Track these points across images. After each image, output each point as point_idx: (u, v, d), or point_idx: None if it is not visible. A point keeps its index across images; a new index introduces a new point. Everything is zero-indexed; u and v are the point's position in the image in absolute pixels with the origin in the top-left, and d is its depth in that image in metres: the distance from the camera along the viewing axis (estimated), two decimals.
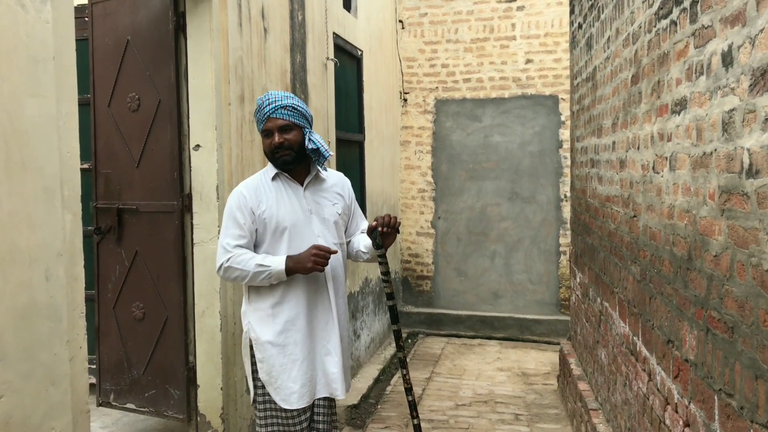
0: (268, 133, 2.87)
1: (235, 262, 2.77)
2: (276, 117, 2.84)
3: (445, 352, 7.03)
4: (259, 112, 2.89)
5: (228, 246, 2.81)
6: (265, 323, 2.88)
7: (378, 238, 2.87)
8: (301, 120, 2.89)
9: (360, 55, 6.37)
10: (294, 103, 2.89)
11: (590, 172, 4.42)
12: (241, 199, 2.86)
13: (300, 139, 2.87)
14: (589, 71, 4.52)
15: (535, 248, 7.61)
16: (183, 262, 3.73)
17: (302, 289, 2.86)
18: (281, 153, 2.85)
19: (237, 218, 2.84)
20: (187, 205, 3.70)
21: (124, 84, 3.81)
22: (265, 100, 2.88)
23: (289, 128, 2.85)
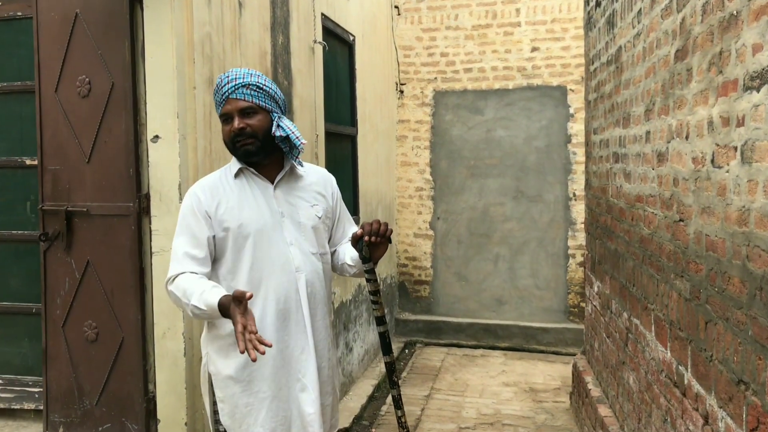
0: (228, 117, 2.34)
1: (177, 287, 2.26)
2: (236, 98, 2.31)
3: (446, 364, 6.48)
4: (218, 92, 2.36)
5: (178, 254, 2.31)
6: (225, 354, 2.34)
7: (364, 249, 2.34)
8: (267, 102, 2.35)
9: (352, 41, 5.82)
10: (259, 81, 2.36)
11: (613, 167, 3.88)
12: (195, 202, 2.34)
13: (266, 125, 2.34)
14: (610, 53, 3.97)
15: (542, 251, 7.06)
16: (140, 275, 3.17)
17: (270, 311, 2.32)
18: (242, 141, 2.32)
19: (190, 225, 2.33)
20: (144, 207, 3.14)
21: (72, 65, 3.25)
22: (224, 78, 2.35)
23: (253, 111, 2.32)
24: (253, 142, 2.32)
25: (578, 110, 6.86)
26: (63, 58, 3.25)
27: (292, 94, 4.28)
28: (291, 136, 2.35)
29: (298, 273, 2.38)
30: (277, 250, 2.35)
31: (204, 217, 2.32)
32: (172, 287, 2.26)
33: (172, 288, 2.26)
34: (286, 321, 2.36)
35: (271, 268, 2.34)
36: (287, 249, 2.37)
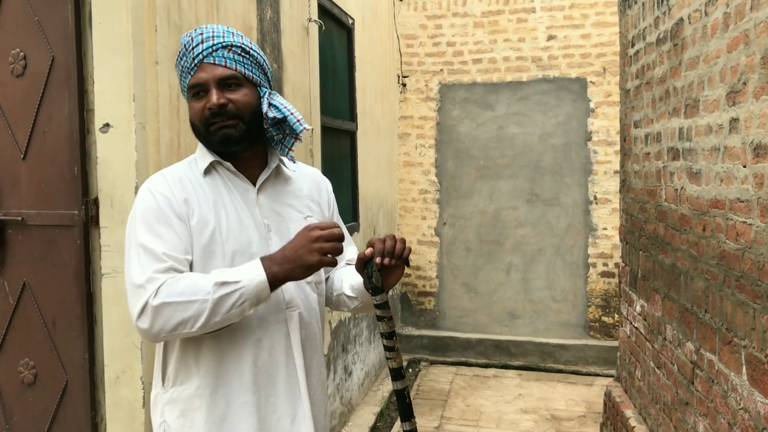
0: (200, 89, 1.67)
1: (173, 291, 1.55)
2: (214, 63, 1.65)
3: (455, 386, 5.82)
4: (186, 55, 1.68)
5: (155, 254, 1.59)
6: (188, 421, 1.66)
7: (375, 275, 1.66)
8: (255, 72, 1.71)
9: (351, 25, 5.15)
10: (245, 43, 1.71)
11: (668, 166, 3.22)
12: (163, 201, 1.65)
13: (253, 101, 1.69)
14: (663, 30, 3.31)
15: (559, 260, 6.40)
16: (88, 302, 2.49)
17: (248, 365, 1.65)
18: (221, 123, 1.66)
19: (162, 234, 1.62)
20: (93, 216, 2.46)
21: (3, 37, 2.57)
22: (197, 36, 1.68)
23: (236, 83, 1.67)
24: (236, 125, 1.66)
25: (599, 105, 6.22)
26: None
27: (282, 80, 3.61)
28: (290, 118, 1.68)
29: (289, 310, 1.71)
30: None
31: (177, 221, 1.64)
32: (163, 299, 1.53)
33: (162, 301, 1.53)
34: (273, 378, 1.69)
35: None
36: None
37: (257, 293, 1.56)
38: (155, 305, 1.53)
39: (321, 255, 1.58)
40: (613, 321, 6.26)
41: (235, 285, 1.54)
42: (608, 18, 6.14)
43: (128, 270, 1.62)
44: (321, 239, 1.58)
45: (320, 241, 1.58)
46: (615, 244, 6.21)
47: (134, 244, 1.63)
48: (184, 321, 1.54)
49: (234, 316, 1.57)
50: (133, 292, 1.59)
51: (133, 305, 1.58)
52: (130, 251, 1.64)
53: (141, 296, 1.56)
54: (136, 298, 1.57)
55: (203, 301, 1.52)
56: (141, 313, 1.55)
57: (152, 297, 1.54)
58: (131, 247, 1.64)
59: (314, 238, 1.58)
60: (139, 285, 1.56)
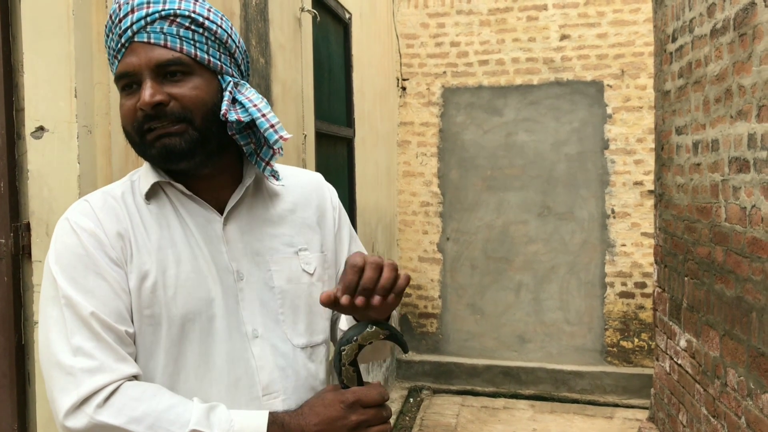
0: (131, 80, 1.13)
1: (128, 413, 1.04)
2: (147, 41, 1.12)
3: (461, 420, 5.27)
4: (112, 31, 1.15)
5: (84, 364, 1.06)
6: None
7: (344, 370, 1.15)
8: (214, 53, 1.16)
9: (348, 20, 4.63)
10: (197, 11, 1.15)
11: (733, 179, 2.70)
12: (90, 241, 1.12)
13: (208, 97, 1.14)
14: (723, 18, 2.80)
15: (574, 278, 5.88)
16: (18, 355, 1.94)
17: None
18: (158, 131, 1.12)
19: (91, 287, 1.09)
20: (25, 246, 1.91)
21: None
22: (125, 3, 1.13)
23: (183, 70, 1.13)
24: (184, 132, 1.12)
25: (617, 110, 5.71)
26: None
27: (270, 77, 3.08)
28: (260, 121, 1.14)
29: (267, 399, 1.17)
30: (225, 353, 1.15)
31: (118, 264, 1.12)
32: (111, 416, 1.03)
33: (109, 418, 1.03)
34: None
35: (210, 394, 1.13)
36: (246, 348, 1.16)
37: None
38: (99, 421, 1.03)
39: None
40: (632, 346, 5.74)
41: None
42: (627, 16, 5.65)
43: (46, 339, 1.10)
44: (364, 425, 1.12)
45: (362, 427, 1.12)
46: (635, 261, 5.70)
47: (54, 302, 1.10)
48: None
49: None
50: (57, 375, 1.07)
51: (57, 397, 1.06)
52: (49, 311, 1.11)
53: (70, 388, 1.05)
54: (61, 388, 1.06)
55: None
56: (73, 413, 1.04)
57: (98, 405, 1.04)
58: (49, 305, 1.11)
59: (354, 424, 1.11)
60: (66, 368, 1.05)
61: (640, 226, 5.66)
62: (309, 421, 1.11)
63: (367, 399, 1.12)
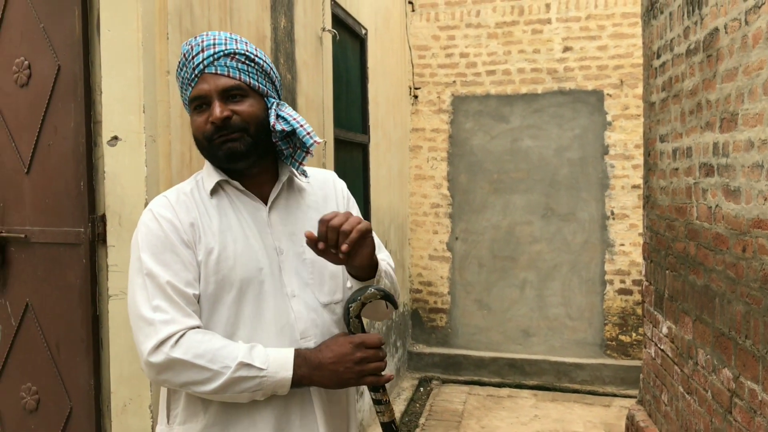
0: (202, 102, 1.53)
1: (194, 350, 1.42)
2: (216, 73, 1.52)
3: (468, 407, 5.65)
4: (186, 65, 1.55)
5: (161, 317, 1.44)
6: None
7: (353, 322, 1.53)
8: (261, 81, 1.57)
9: (364, 35, 5.03)
10: (249, 51, 1.57)
11: (700, 182, 3.08)
12: (168, 227, 1.51)
13: (260, 113, 1.55)
14: (694, 40, 3.18)
15: (575, 276, 6.24)
16: (94, 324, 2.36)
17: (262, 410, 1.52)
18: (225, 137, 1.51)
19: (168, 262, 1.48)
20: (99, 234, 2.33)
21: (7, 45, 2.45)
22: (196, 45, 1.55)
23: (241, 94, 1.53)
24: (241, 138, 1.52)
25: (617, 118, 6.08)
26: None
27: (296, 91, 3.49)
28: (299, 130, 1.54)
29: (304, 341, 1.56)
30: (272, 308, 1.54)
31: (184, 249, 1.50)
32: (179, 354, 1.41)
33: (177, 357, 1.41)
34: (287, 416, 1.53)
35: (263, 338, 1.52)
36: (287, 304, 1.56)
37: (275, 388, 1.46)
38: (173, 357, 1.42)
39: (361, 376, 1.49)
40: (630, 340, 6.09)
41: (258, 372, 1.43)
42: (625, 29, 6.02)
43: (133, 299, 1.50)
44: (365, 361, 1.49)
45: (364, 363, 1.49)
46: (633, 260, 6.06)
47: (139, 272, 1.50)
48: (193, 383, 1.44)
49: (241, 398, 1.47)
50: (142, 325, 1.46)
51: (142, 341, 1.46)
52: (135, 279, 1.51)
53: (152, 334, 1.44)
54: (145, 334, 1.45)
55: (219, 374, 1.42)
56: (154, 352, 1.43)
57: (172, 345, 1.43)
58: (136, 274, 1.51)
59: (359, 359, 1.49)
60: (148, 320, 1.44)
61: (638, 227, 6.01)
62: (325, 355, 1.50)
63: (369, 341, 1.51)
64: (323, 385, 1.50)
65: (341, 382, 1.49)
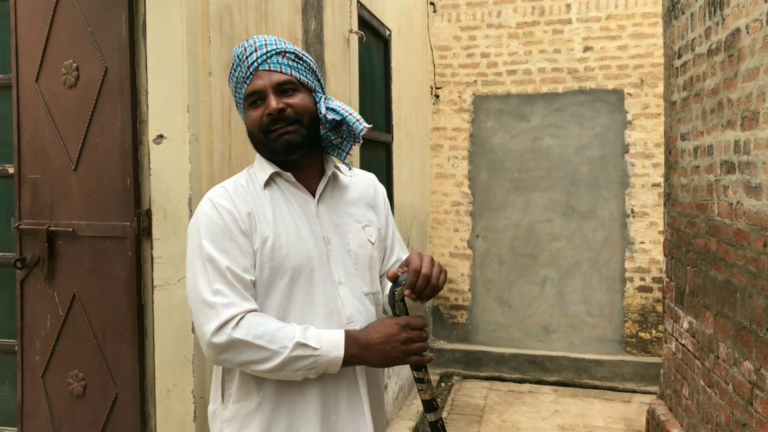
0: (257, 97, 1.65)
1: (253, 331, 1.53)
2: (270, 69, 1.64)
3: (489, 402, 5.73)
4: (240, 65, 1.67)
5: (221, 300, 1.55)
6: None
7: (398, 305, 1.66)
8: (309, 77, 1.69)
9: (388, 36, 5.14)
10: (297, 50, 1.70)
11: (721, 180, 3.15)
12: (227, 216, 1.62)
13: (311, 105, 1.67)
14: (716, 41, 3.25)
15: (595, 274, 6.31)
16: (139, 314, 2.48)
17: (312, 385, 1.63)
18: (281, 129, 1.63)
19: (227, 249, 1.59)
20: (145, 227, 2.45)
21: (56, 48, 2.58)
22: (249, 46, 1.67)
23: (293, 88, 1.66)
24: (297, 130, 1.64)
25: (637, 117, 6.13)
26: (46, 39, 2.59)
27: (324, 92, 3.59)
28: (349, 118, 1.66)
29: (350, 325, 1.67)
30: (322, 294, 1.65)
31: (242, 237, 1.61)
32: (240, 335, 1.52)
33: (239, 337, 1.52)
34: (335, 394, 1.65)
35: (313, 322, 1.63)
36: (335, 291, 1.67)
37: (328, 366, 1.57)
38: (235, 337, 1.53)
39: (406, 356, 1.60)
40: (650, 336, 6.15)
41: (313, 351, 1.54)
42: (646, 29, 6.07)
43: (194, 283, 1.60)
44: (410, 341, 1.60)
45: (409, 343, 1.60)
46: (653, 258, 6.11)
47: (199, 258, 1.60)
48: (252, 362, 1.55)
49: (295, 376, 1.57)
50: (203, 308, 1.57)
51: (204, 323, 1.56)
52: (196, 264, 1.61)
53: (214, 316, 1.54)
54: (207, 316, 1.55)
55: (277, 354, 1.53)
56: (216, 333, 1.54)
57: (233, 327, 1.53)
58: (196, 259, 1.61)
59: (405, 339, 1.60)
60: (210, 303, 1.55)
61: (658, 225, 6.06)
62: (373, 336, 1.60)
63: (414, 323, 1.62)
64: (371, 364, 1.60)
65: (388, 361, 1.59)
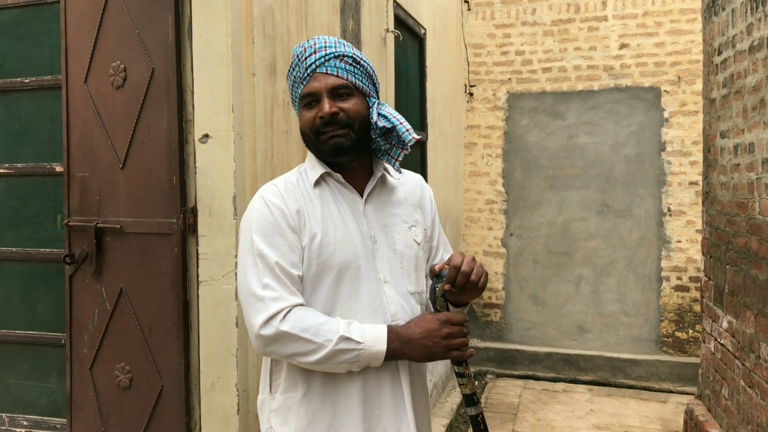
0: (312, 99, 1.68)
1: (300, 324, 1.58)
2: (327, 72, 1.66)
3: (524, 400, 5.73)
4: (298, 65, 1.71)
5: (270, 294, 1.60)
6: (294, 429, 1.67)
7: (439, 301, 1.68)
8: (365, 82, 1.72)
9: (423, 35, 5.16)
10: (356, 54, 1.72)
11: (764, 177, 3.11)
12: (277, 212, 1.66)
13: (363, 111, 1.70)
14: (758, 36, 3.21)
15: (631, 273, 6.26)
16: (185, 308, 2.54)
17: (356, 383, 1.67)
18: (332, 132, 1.66)
19: (276, 244, 1.63)
20: (190, 225, 2.51)
21: (104, 49, 2.65)
22: (309, 47, 1.70)
23: (348, 93, 1.68)
24: (347, 134, 1.67)
25: (674, 114, 6.07)
26: (94, 41, 2.66)
27: None
28: (399, 127, 1.68)
29: (395, 323, 1.70)
30: (368, 291, 1.68)
31: (290, 233, 1.65)
32: (287, 328, 1.56)
33: (286, 330, 1.56)
34: (379, 389, 1.68)
35: (358, 318, 1.66)
36: (380, 289, 1.70)
37: (371, 360, 1.60)
38: (282, 330, 1.57)
39: (447, 351, 1.63)
40: (687, 336, 6.08)
41: (356, 345, 1.58)
42: (683, 26, 6.00)
43: (244, 277, 1.64)
44: (451, 336, 1.63)
45: (450, 338, 1.63)
46: (689, 257, 6.04)
47: (250, 253, 1.64)
48: (298, 354, 1.59)
49: (339, 369, 1.61)
50: (252, 301, 1.61)
51: (253, 315, 1.60)
52: (246, 258, 1.66)
53: (262, 309, 1.59)
54: (256, 309, 1.60)
55: (322, 347, 1.57)
56: (264, 325, 1.58)
57: (280, 320, 1.57)
58: (247, 254, 1.66)
59: (446, 334, 1.63)
60: (259, 297, 1.59)
61: (695, 224, 5.99)
62: (414, 331, 1.63)
63: (455, 319, 1.65)
64: (413, 359, 1.63)
65: (429, 356, 1.62)
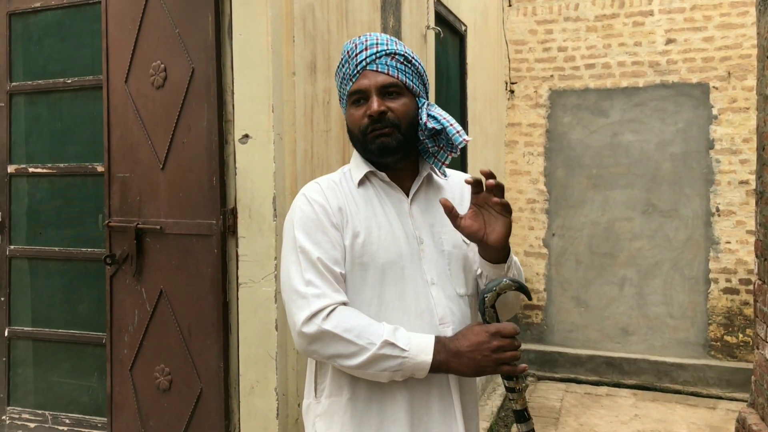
0: (361, 96, 1.63)
1: (343, 324, 1.52)
2: (377, 70, 1.61)
3: (566, 404, 5.60)
4: (348, 62, 1.66)
5: (313, 291, 1.55)
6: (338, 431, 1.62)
7: (488, 311, 1.58)
8: (415, 81, 1.65)
9: (464, 32, 5.07)
10: (407, 52, 1.66)
11: None
12: (319, 210, 1.62)
13: (412, 111, 1.63)
14: None
15: (677, 274, 6.07)
16: (224, 310, 2.51)
17: (402, 389, 1.60)
18: (379, 131, 1.60)
19: (319, 241, 1.59)
20: (230, 226, 2.48)
21: (145, 49, 2.64)
22: (359, 44, 1.65)
23: (397, 92, 1.62)
24: (393, 134, 1.61)
25: (723, 111, 5.87)
26: (134, 41, 2.65)
27: None
28: (449, 129, 1.62)
29: (442, 326, 1.63)
30: (413, 292, 1.62)
31: (333, 231, 1.61)
32: (329, 327, 1.51)
33: (328, 329, 1.51)
34: (427, 396, 1.62)
35: (404, 320, 1.60)
36: (427, 291, 1.63)
37: (414, 370, 1.53)
38: (324, 329, 1.51)
39: (497, 365, 1.53)
40: (736, 341, 5.88)
41: (401, 353, 1.51)
42: (734, 19, 5.80)
43: (287, 274, 1.60)
44: (501, 350, 1.53)
45: (500, 351, 1.53)
46: (739, 258, 5.84)
47: (293, 250, 1.60)
48: (340, 355, 1.52)
49: (381, 376, 1.54)
50: (295, 298, 1.56)
51: (296, 312, 1.56)
52: (289, 256, 1.61)
53: (305, 306, 1.54)
54: (298, 306, 1.55)
55: (365, 349, 1.50)
56: (307, 323, 1.53)
57: (323, 318, 1.52)
58: (290, 251, 1.62)
59: (495, 347, 1.53)
60: (301, 294, 1.54)
61: (746, 224, 5.79)
62: (462, 344, 1.56)
63: (505, 330, 1.56)
64: (461, 373, 1.56)
65: (478, 370, 1.54)
